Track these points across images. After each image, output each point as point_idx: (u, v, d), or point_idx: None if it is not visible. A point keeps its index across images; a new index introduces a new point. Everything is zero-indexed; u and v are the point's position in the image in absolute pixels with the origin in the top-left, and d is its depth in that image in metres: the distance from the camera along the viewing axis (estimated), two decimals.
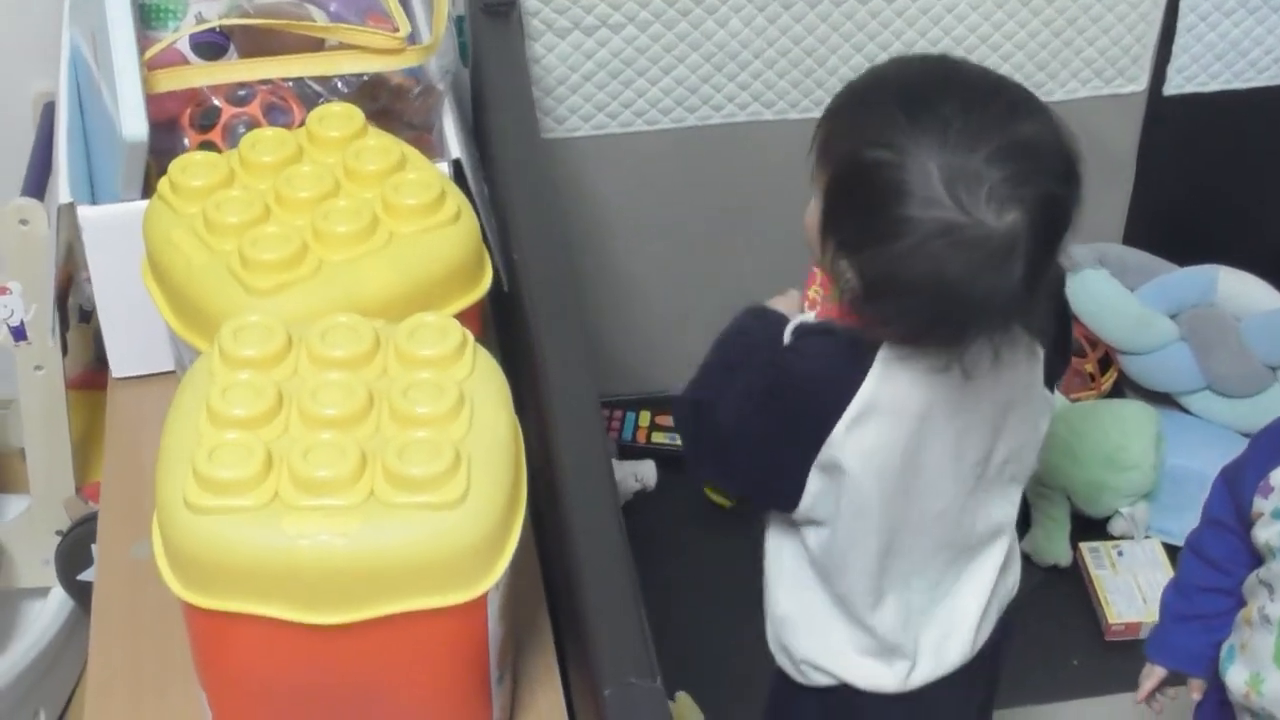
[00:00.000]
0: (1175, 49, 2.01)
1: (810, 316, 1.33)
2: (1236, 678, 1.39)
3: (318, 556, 1.05)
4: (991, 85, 1.19)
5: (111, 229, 1.43)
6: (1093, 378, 2.17)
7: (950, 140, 1.13)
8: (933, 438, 1.26)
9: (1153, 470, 1.98)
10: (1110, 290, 2.11)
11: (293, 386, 1.13)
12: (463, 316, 1.32)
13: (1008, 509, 1.37)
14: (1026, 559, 1.98)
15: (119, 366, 1.54)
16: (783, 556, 1.38)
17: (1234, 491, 1.38)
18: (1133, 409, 2.03)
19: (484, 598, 1.11)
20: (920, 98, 1.16)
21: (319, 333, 1.16)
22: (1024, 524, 2.02)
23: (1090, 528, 2.02)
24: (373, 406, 1.12)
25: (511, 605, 1.19)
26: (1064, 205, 1.15)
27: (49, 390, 1.75)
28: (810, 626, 1.39)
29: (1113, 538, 2.01)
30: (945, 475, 1.28)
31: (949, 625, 1.38)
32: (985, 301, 1.15)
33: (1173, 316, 2.11)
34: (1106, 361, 2.17)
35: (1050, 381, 1.34)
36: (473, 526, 1.08)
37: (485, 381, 1.17)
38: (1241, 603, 1.41)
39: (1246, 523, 1.36)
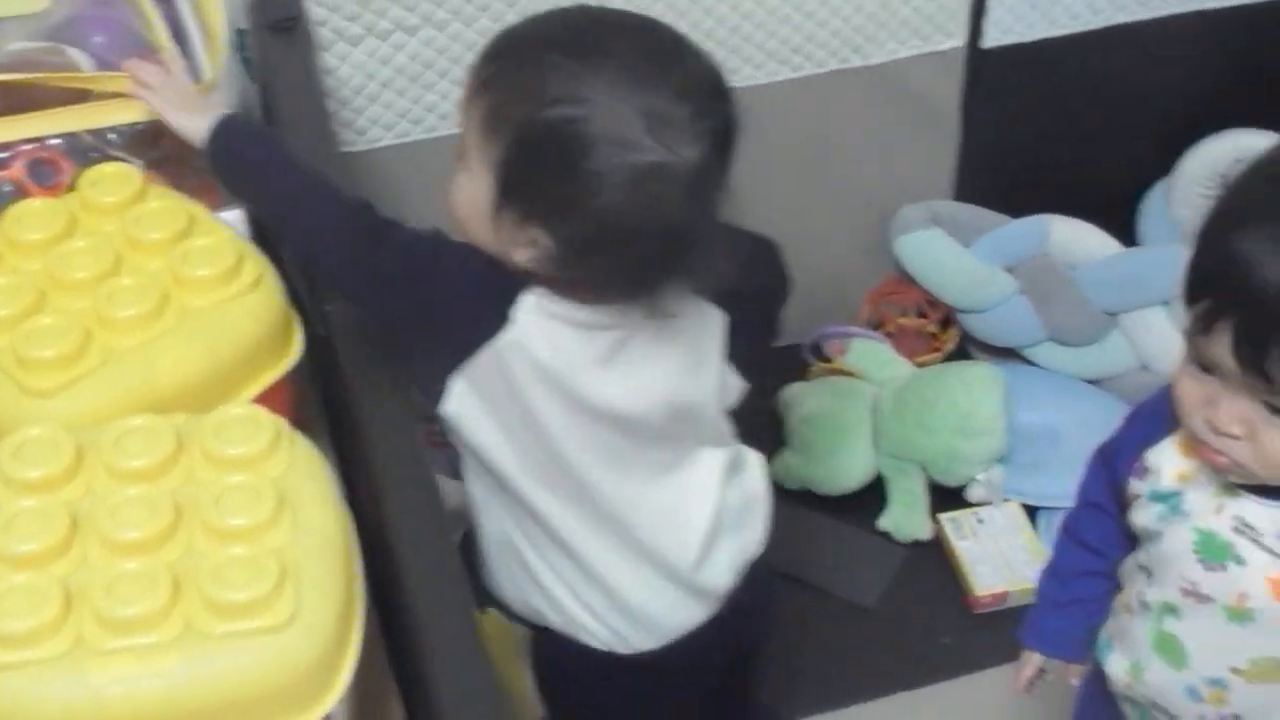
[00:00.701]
0: (990, 2, 1.97)
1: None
2: (1116, 667, 1.36)
3: (132, 705, 0.95)
4: (648, 25, 1.21)
5: None
6: (934, 337, 2.13)
7: (637, 81, 1.14)
8: (578, 391, 1.22)
9: (1004, 433, 1.94)
10: (945, 249, 2.08)
11: (87, 507, 1.02)
12: (275, 387, 1.22)
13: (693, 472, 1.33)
14: (887, 536, 1.95)
15: None
16: None
17: (1109, 472, 1.34)
18: (978, 372, 1.99)
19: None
20: (590, 46, 1.16)
21: (112, 440, 1.06)
22: (881, 501, 1.99)
23: (948, 498, 1.98)
24: (181, 521, 1.02)
25: (357, 709, 1.09)
26: (734, 137, 1.18)
27: None
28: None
29: (971, 505, 1.97)
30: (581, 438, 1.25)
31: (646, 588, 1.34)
32: (693, 236, 1.16)
33: (1009, 270, 2.08)
34: (947, 321, 2.14)
35: (748, 373, 1.33)
36: (306, 646, 0.99)
37: (306, 475, 1.08)
38: (1119, 586, 1.38)
39: (1123, 504, 1.32)
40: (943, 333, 2.14)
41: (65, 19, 1.43)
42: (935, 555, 1.95)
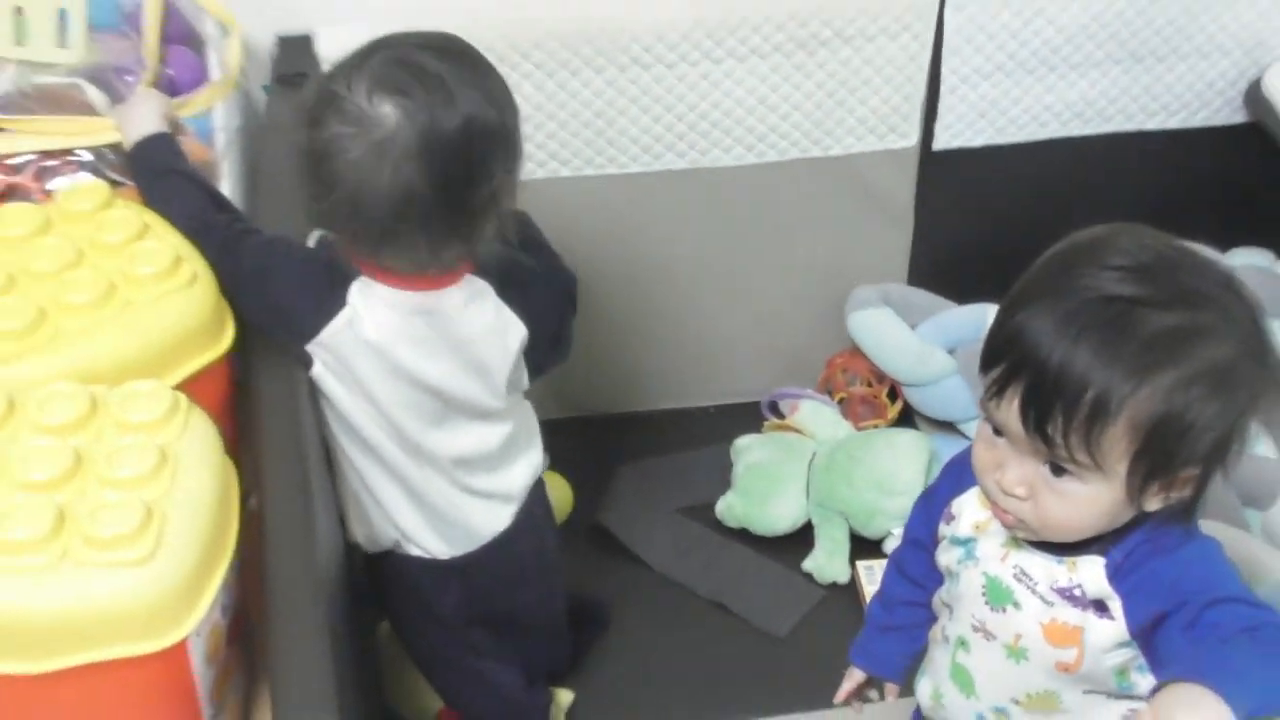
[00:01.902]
0: (941, 109, 2.02)
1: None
2: (923, 692, 1.40)
3: (10, 611, 1.04)
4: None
5: None
6: (882, 406, 2.17)
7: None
8: (401, 364, 1.38)
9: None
10: (892, 327, 2.12)
11: (6, 452, 1.12)
12: (209, 373, 1.32)
13: (481, 441, 1.49)
14: (809, 578, 2.01)
15: None
16: None
17: (928, 515, 1.38)
18: (907, 438, 2.03)
19: (183, 644, 1.10)
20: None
21: (39, 400, 1.16)
22: (808, 545, 2.03)
23: (867, 547, 2.02)
24: (78, 470, 1.11)
25: (227, 644, 1.18)
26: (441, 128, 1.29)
27: None
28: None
29: (886, 556, 2.00)
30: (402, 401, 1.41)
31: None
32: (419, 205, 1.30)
33: (950, 351, 2.11)
34: (895, 392, 2.17)
35: (539, 368, 1.50)
36: (162, 580, 1.07)
37: (195, 442, 1.17)
38: (934, 619, 1.41)
39: (936, 543, 1.36)
40: (889, 403, 2.17)
41: (101, 63, 1.54)
42: (850, 597, 1.98)
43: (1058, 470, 1.16)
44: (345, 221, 1.33)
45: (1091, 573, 1.21)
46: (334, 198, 1.31)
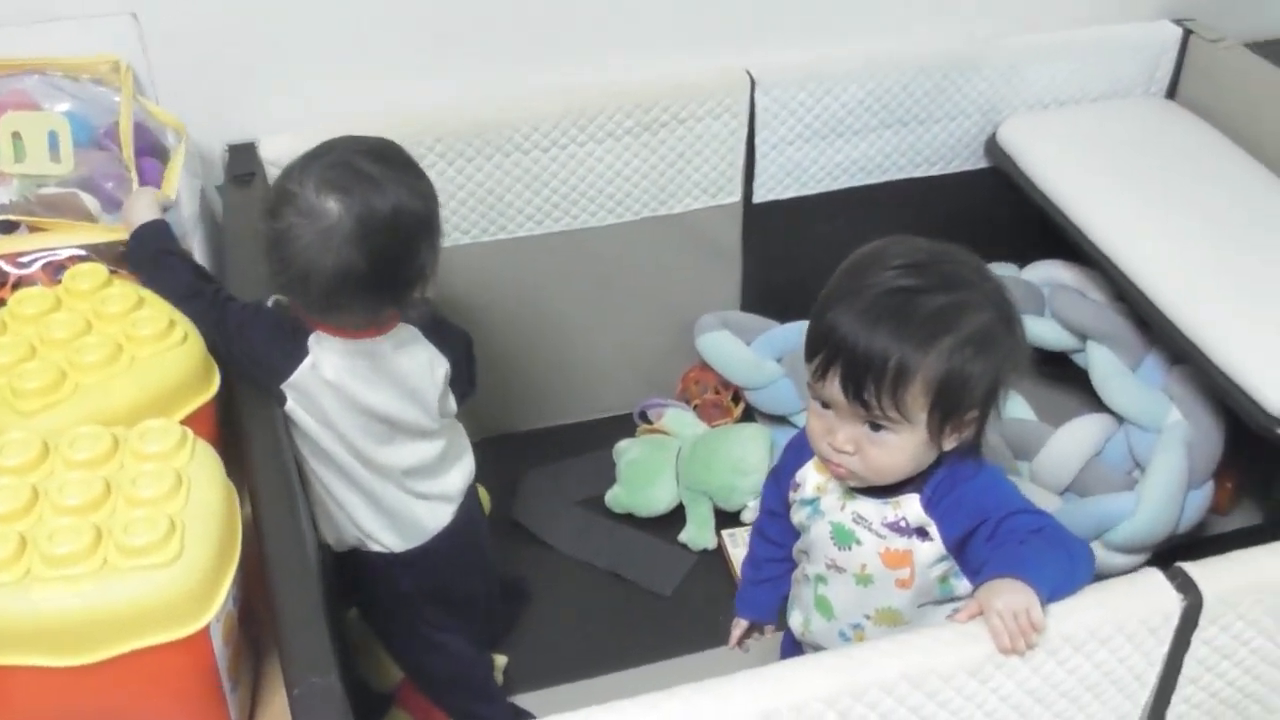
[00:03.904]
0: (757, 170, 2.05)
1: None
2: (795, 621, 1.43)
3: (62, 614, 1.03)
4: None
5: None
6: (727, 408, 2.20)
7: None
8: (354, 398, 1.38)
9: (767, 473, 2.00)
10: (731, 345, 2.14)
11: (45, 485, 1.11)
12: (201, 412, 1.31)
13: (422, 454, 1.48)
14: (684, 546, 2.03)
15: None
16: None
17: (778, 487, 1.41)
18: (751, 430, 2.07)
19: (205, 630, 1.09)
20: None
21: (69, 441, 1.14)
22: (681, 521, 2.05)
23: (728, 519, 2.05)
24: (109, 495, 1.10)
25: (238, 628, 1.17)
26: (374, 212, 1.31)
27: None
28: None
29: (744, 524, 2.04)
30: (357, 427, 1.41)
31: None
32: (355, 278, 1.31)
33: (778, 360, 2.13)
34: (737, 397, 2.20)
35: (461, 397, 1.50)
36: (186, 578, 1.07)
37: (201, 466, 1.16)
38: (795, 566, 1.44)
39: (787, 508, 1.39)
40: (733, 405, 2.20)
41: (88, 174, 1.52)
42: (718, 560, 2.00)
43: (876, 427, 1.21)
44: (299, 293, 1.34)
45: (911, 507, 1.26)
46: (289, 274, 1.31)
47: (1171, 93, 2.19)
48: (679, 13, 1.97)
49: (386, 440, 1.45)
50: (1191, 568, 1.18)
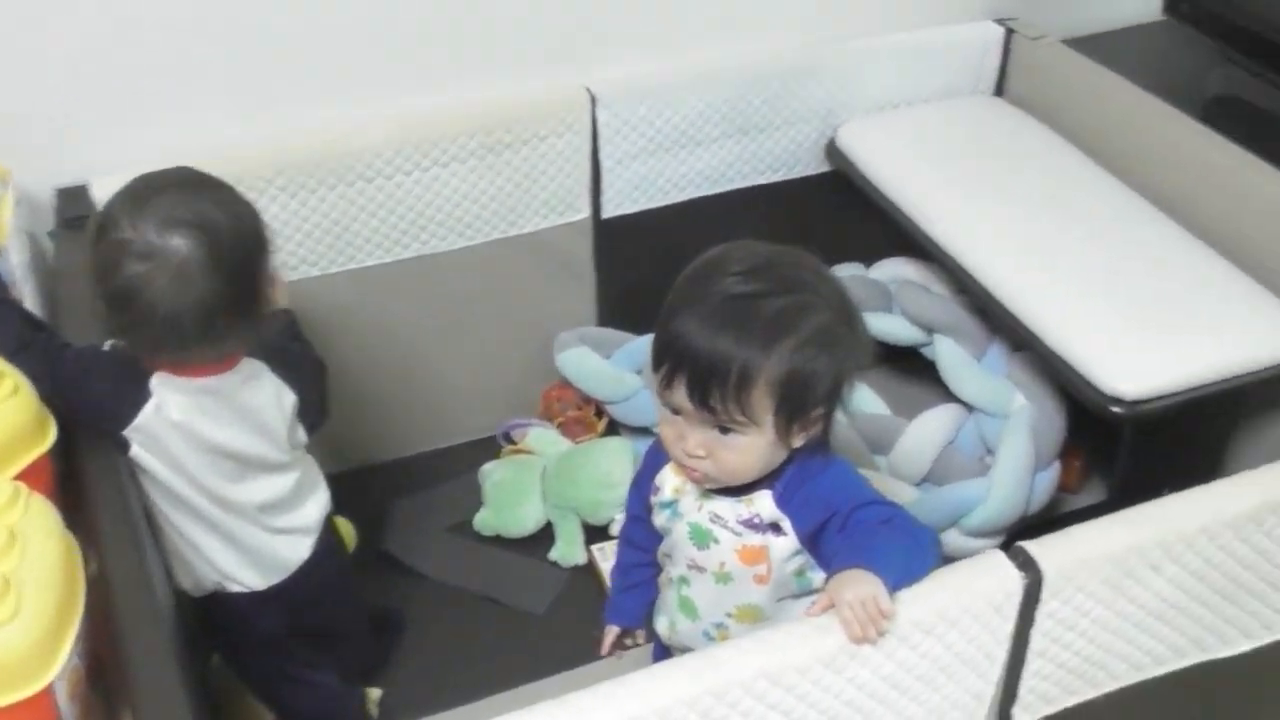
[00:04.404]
0: (604, 186, 2.06)
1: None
2: (661, 625, 1.45)
3: None
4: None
5: None
6: (590, 423, 2.20)
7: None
8: (202, 436, 1.37)
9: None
10: (590, 360, 2.15)
11: None
12: (37, 464, 1.28)
13: (276, 489, 1.47)
14: (555, 564, 2.03)
15: None
16: None
17: (640, 493, 1.43)
18: (614, 443, 2.08)
19: (48, 689, 1.07)
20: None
21: None
22: (550, 539, 2.05)
23: (597, 533, 2.06)
24: None
25: (85, 682, 1.14)
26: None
27: None
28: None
29: (613, 537, 2.04)
30: (206, 466, 1.39)
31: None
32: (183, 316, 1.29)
33: (637, 373, 2.14)
34: (600, 411, 2.21)
35: (312, 427, 1.50)
36: (24, 637, 1.05)
37: (38, 519, 1.13)
38: (661, 570, 1.46)
39: (650, 512, 1.41)
40: (596, 420, 2.20)
41: None
42: (589, 575, 2.01)
43: (725, 430, 1.23)
44: (154, 344, 1.31)
45: (764, 504, 1.29)
46: (154, 323, 1.28)
47: (999, 90, 2.27)
48: (517, 33, 1.98)
49: (238, 477, 1.42)
50: (1031, 545, 1.22)
